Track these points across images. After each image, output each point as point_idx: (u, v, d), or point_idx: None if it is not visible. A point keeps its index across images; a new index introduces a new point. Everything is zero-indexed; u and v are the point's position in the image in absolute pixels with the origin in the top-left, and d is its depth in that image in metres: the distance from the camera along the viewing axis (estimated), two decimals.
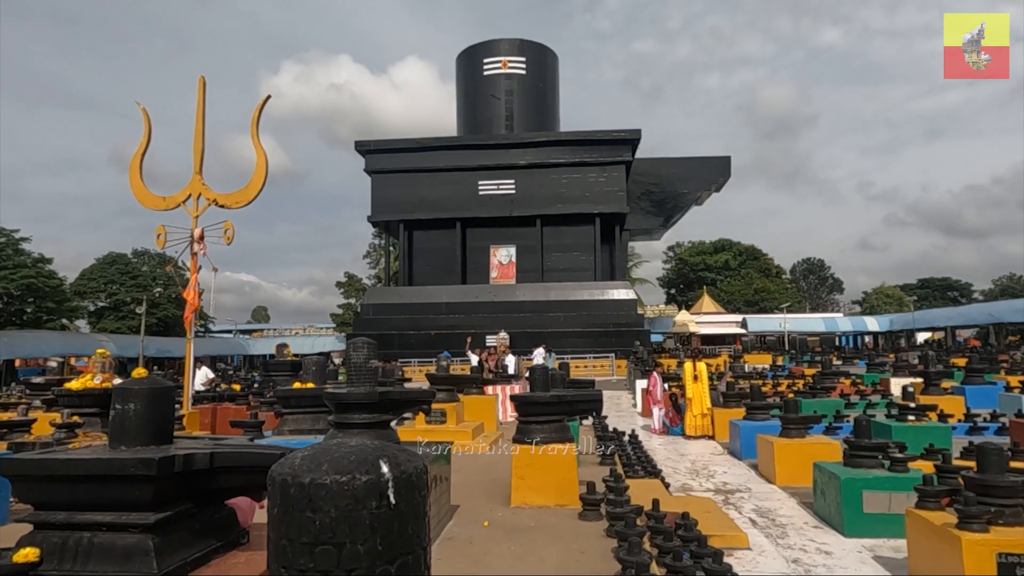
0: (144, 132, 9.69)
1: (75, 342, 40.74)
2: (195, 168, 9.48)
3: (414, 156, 39.01)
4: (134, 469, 2.39)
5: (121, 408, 2.67)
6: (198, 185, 9.41)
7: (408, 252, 40.50)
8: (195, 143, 9.55)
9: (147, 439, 2.67)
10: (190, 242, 9.27)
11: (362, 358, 5.25)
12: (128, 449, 2.61)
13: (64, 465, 2.45)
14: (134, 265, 52.40)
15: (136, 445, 2.65)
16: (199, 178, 9.45)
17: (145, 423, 2.68)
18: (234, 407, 10.06)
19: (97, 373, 7.41)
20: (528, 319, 35.11)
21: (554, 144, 38.17)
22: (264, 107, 9.44)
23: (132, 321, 47.89)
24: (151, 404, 2.70)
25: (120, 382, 2.77)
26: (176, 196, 9.46)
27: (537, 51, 43.21)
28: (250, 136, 9.25)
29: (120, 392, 2.70)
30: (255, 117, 9.37)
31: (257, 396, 10.06)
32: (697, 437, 12.85)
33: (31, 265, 40.45)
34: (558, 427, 6.48)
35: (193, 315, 9.44)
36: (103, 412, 7.49)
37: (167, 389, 2.80)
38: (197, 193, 9.39)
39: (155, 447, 2.65)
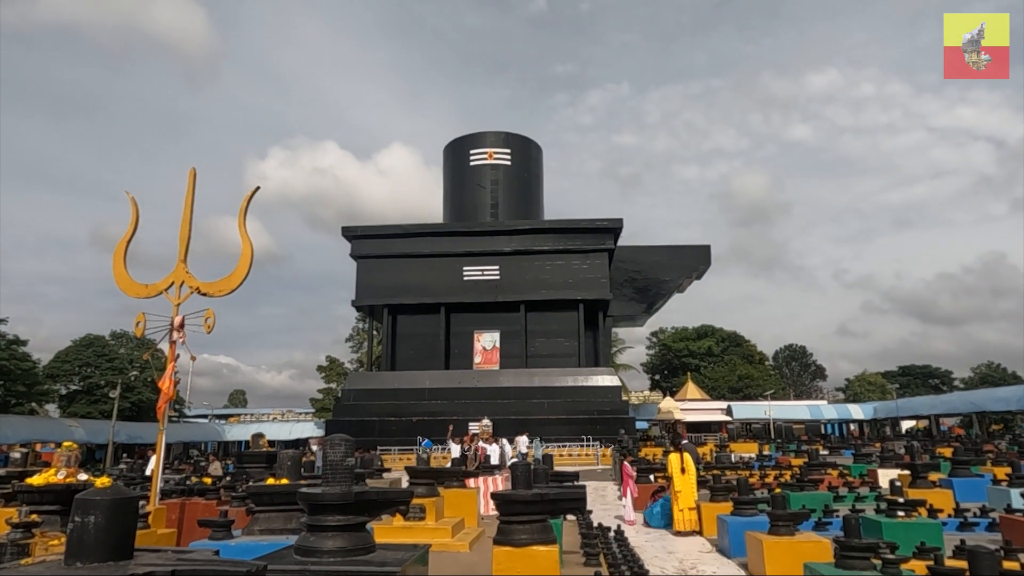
0: (131, 221, 9.77)
1: (43, 427, 39.30)
2: (180, 256, 9.51)
3: (400, 241, 39.55)
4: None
5: (81, 521, 2.54)
6: (182, 273, 9.41)
7: (392, 336, 40.30)
8: (182, 232, 9.62)
9: (106, 554, 2.53)
10: (169, 330, 9.16)
11: (339, 455, 5.09)
12: (84, 566, 2.47)
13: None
14: (111, 347, 51.45)
15: (94, 561, 2.50)
16: (183, 266, 9.46)
17: (105, 536, 2.55)
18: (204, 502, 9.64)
19: (61, 467, 7.10)
20: (512, 406, 34.63)
21: (538, 232, 38.97)
22: (252, 198, 9.59)
23: (104, 405, 46.49)
24: (112, 516, 2.58)
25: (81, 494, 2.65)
26: (159, 284, 9.43)
27: (522, 143, 44.85)
28: (237, 225, 9.34)
29: (80, 504, 2.58)
30: (243, 207, 9.51)
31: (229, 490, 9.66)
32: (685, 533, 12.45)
33: (4, 347, 39.58)
34: (540, 527, 6.27)
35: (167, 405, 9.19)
36: (64, 510, 7.14)
37: (131, 500, 2.69)
38: (180, 281, 9.38)
39: (113, 563, 2.51)
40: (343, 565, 4.66)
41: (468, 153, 43.91)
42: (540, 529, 6.25)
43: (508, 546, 6.23)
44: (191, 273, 9.44)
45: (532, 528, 6.21)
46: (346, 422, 35.62)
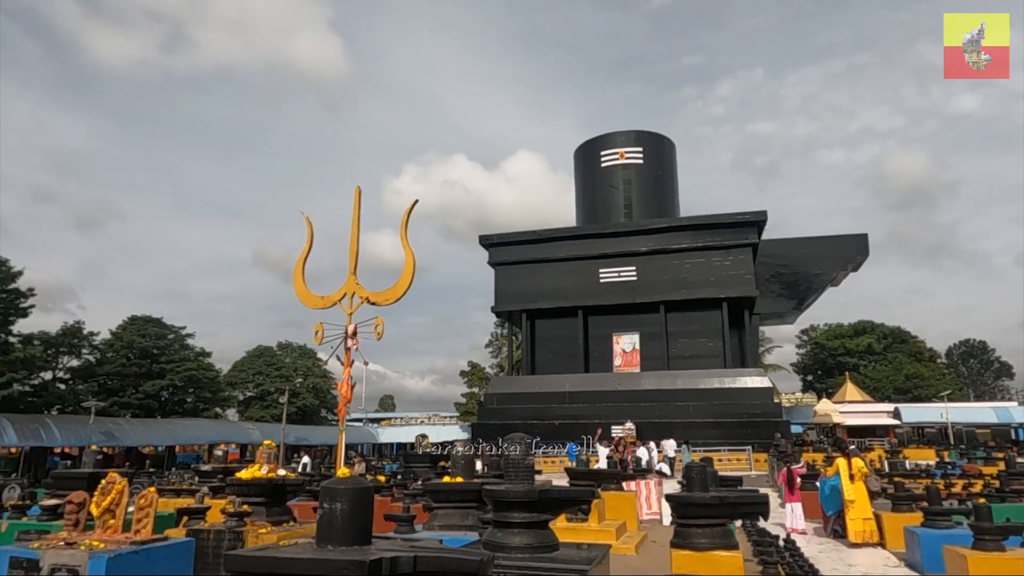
0: (307, 240, 10.67)
1: (226, 430, 43.98)
2: (350, 269, 10.23)
3: (535, 247, 40.08)
4: (347, 571, 2.47)
5: (328, 507, 2.80)
6: (352, 285, 10.11)
7: (531, 341, 40.90)
8: (351, 246, 10.35)
9: (350, 538, 2.76)
10: (344, 338, 9.86)
11: (519, 454, 5.23)
12: (335, 549, 2.71)
13: (282, 564, 2.57)
14: (278, 357, 56.51)
15: (341, 544, 2.74)
16: (354, 278, 10.17)
17: (349, 522, 2.78)
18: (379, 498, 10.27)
19: (264, 464, 7.88)
20: (654, 409, 33.89)
21: (675, 230, 37.91)
22: (412, 211, 10.12)
23: (275, 410, 51.14)
24: (355, 504, 2.81)
25: (326, 483, 2.91)
26: (333, 295, 10.21)
27: (653, 140, 43.93)
28: (400, 237, 9.89)
29: (327, 492, 2.84)
30: (404, 220, 10.06)
31: (400, 488, 10.26)
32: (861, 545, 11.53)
33: (193, 359, 44.70)
34: (721, 532, 6.05)
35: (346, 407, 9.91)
36: (269, 502, 7.92)
37: (369, 489, 2.91)
38: (352, 292, 10.08)
39: (358, 548, 2.73)
40: (531, 561, 4.76)
41: (599, 155, 43.69)
42: (721, 534, 6.04)
43: (687, 550, 6.07)
44: (360, 284, 10.11)
45: (712, 532, 6.01)
46: (490, 425, 36.60)
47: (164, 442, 37.58)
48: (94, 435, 32.79)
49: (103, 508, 6.08)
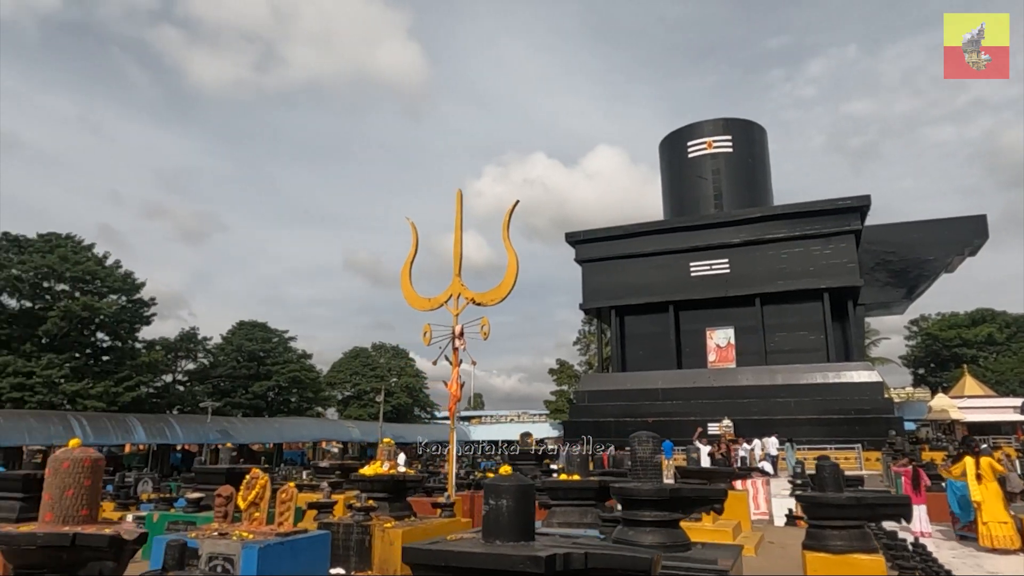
0: (412, 244, 11.00)
1: (328, 428, 46.07)
2: (455, 271, 10.47)
3: (623, 242, 39.59)
4: (523, 566, 2.54)
5: (494, 504, 2.88)
6: (458, 286, 10.34)
7: (620, 338, 40.44)
8: (454, 249, 10.59)
9: (515, 534, 2.83)
10: (452, 338, 10.10)
11: (647, 452, 5.19)
12: (503, 544, 2.79)
13: (460, 557, 2.68)
14: (373, 357, 58.56)
15: (507, 540, 2.82)
16: (459, 280, 10.40)
17: (514, 518, 2.86)
18: None
19: (384, 460, 8.20)
20: (752, 405, 32.75)
21: (770, 219, 36.43)
22: (513, 211, 10.23)
23: (371, 409, 53.02)
24: (518, 500, 2.89)
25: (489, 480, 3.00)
26: (439, 297, 10.48)
27: (742, 128, 42.41)
28: (502, 238, 10.02)
29: (492, 488, 2.92)
30: (506, 221, 10.20)
31: None
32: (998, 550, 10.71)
33: (296, 360, 47.05)
34: (859, 534, 5.79)
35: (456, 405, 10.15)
36: (391, 497, 8.24)
37: (531, 487, 2.98)
38: (457, 293, 10.32)
39: (524, 543, 2.80)
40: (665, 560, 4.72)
41: (685, 145, 42.60)
42: (859, 536, 5.78)
43: (822, 552, 5.84)
44: (465, 285, 10.33)
45: (850, 534, 5.76)
46: (582, 423, 36.48)
47: (273, 439, 39.77)
48: (211, 433, 35.15)
49: (249, 501, 6.50)
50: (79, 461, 3.19)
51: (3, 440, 27.46)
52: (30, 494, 7.73)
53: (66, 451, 3.24)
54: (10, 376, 30.18)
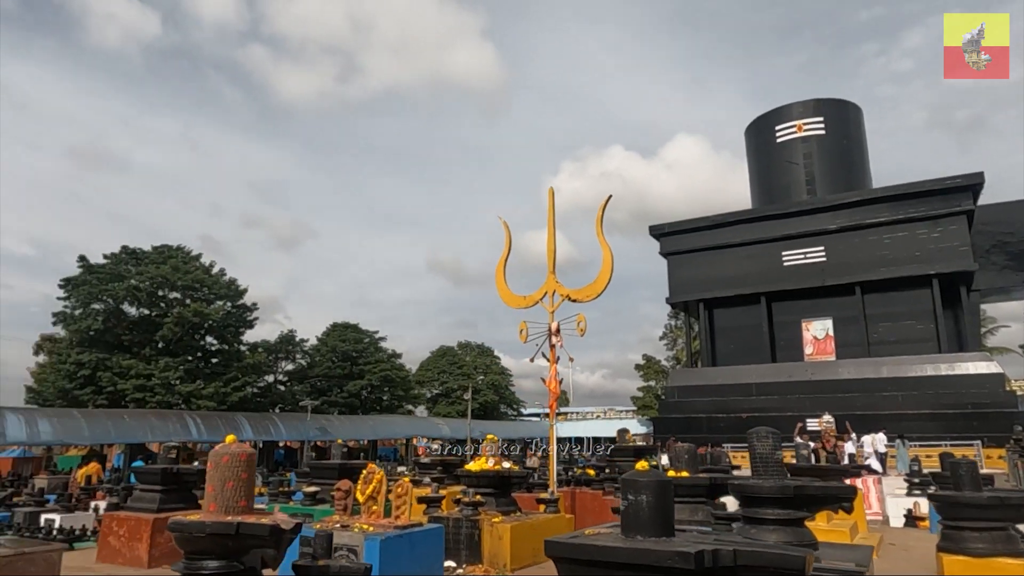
0: (505, 243, 11.13)
1: (419, 425, 47.33)
2: (549, 268, 10.51)
3: (710, 233, 38.51)
4: (671, 561, 2.53)
5: (633, 499, 2.88)
6: (553, 283, 10.38)
7: (710, 332, 39.37)
8: (548, 246, 10.63)
9: (658, 530, 2.82)
10: (548, 335, 10.14)
11: (767, 448, 5.04)
12: (645, 539, 2.79)
13: (605, 551, 2.70)
14: (459, 356, 59.64)
15: (648, 535, 2.81)
16: (553, 277, 10.43)
17: (654, 513, 2.85)
18: (590, 492, 10.45)
19: (489, 457, 8.35)
20: (855, 400, 31.12)
21: (870, 203, 34.43)
22: (606, 206, 10.16)
23: (459, 406, 54.01)
24: (658, 495, 2.87)
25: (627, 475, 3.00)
26: (534, 295, 10.55)
27: (835, 108, 40.27)
28: (596, 234, 9.98)
29: (630, 483, 2.93)
30: (599, 216, 10.14)
31: (610, 481, 10.38)
32: None
33: (386, 360, 48.58)
34: (1004, 536, 5.40)
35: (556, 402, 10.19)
36: (497, 492, 8.37)
37: (669, 482, 2.97)
38: (552, 290, 10.35)
39: (666, 539, 2.79)
40: None
41: (774, 130, 40.89)
42: (1004, 539, 5.39)
43: (960, 555, 5.49)
44: (560, 283, 10.34)
45: (993, 537, 5.38)
46: (672, 419, 35.80)
47: (368, 436, 41.24)
48: (311, 430, 36.86)
49: (367, 495, 6.78)
50: (236, 456, 3.43)
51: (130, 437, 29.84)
52: (168, 487, 8.38)
53: (224, 447, 3.49)
54: (133, 378, 32.74)
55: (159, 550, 7.92)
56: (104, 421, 28.76)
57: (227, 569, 3.23)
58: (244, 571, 3.26)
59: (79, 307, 34.08)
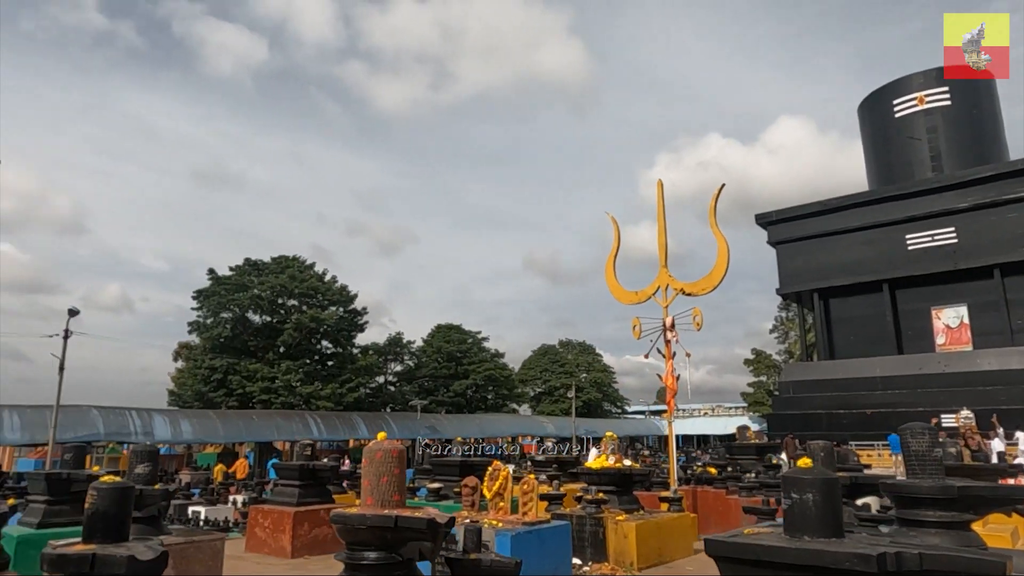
0: (614, 238, 11.00)
1: (524, 423, 47.81)
2: (661, 262, 10.29)
3: (823, 219, 36.37)
4: (850, 563, 2.40)
5: (798, 498, 2.76)
6: (665, 277, 10.16)
7: (826, 323, 37.19)
8: (659, 239, 10.42)
9: (826, 530, 2.69)
10: (663, 330, 9.93)
11: (924, 446, 4.68)
12: (812, 539, 2.66)
13: (772, 552, 2.60)
14: (561, 354, 59.69)
15: (817, 535, 2.68)
16: (666, 271, 10.21)
17: (820, 512, 2.71)
18: (712, 490, 10.15)
19: (610, 454, 8.29)
20: (997, 393, 28.41)
21: (1009, 176, 31.31)
22: (719, 195, 9.82)
23: (563, 404, 54.07)
24: (823, 495, 2.74)
25: (788, 472, 2.88)
26: (647, 290, 10.36)
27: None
28: (710, 224, 9.67)
29: (793, 482, 2.81)
30: (712, 206, 9.82)
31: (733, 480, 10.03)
32: None
33: (490, 359, 49.42)
34: None
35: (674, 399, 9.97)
36: (619, 490, 8.30)
37: (836, 480, 2.82)
38: (665, 285, 10.14)
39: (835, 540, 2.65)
40: None
41: (891, 105, 38.05)
42: None
43: None
44: (673, 276, 10.10)
45: None
46: (788, 416, 34.09)
47: (475, 434, 42.07)
48: (421, 429, 38.08)
49: (493, 492, 6.90)
50: (389, 452, 3.59)
51: (258, 436, 32.05)
52: (305, 482, 8.90)
53: (377, 443, 3.65)
54: (259, 381, 35.10)
55: (300, 541, 8.43)
56: (236, 421, 31.07)
57: (386, 560, 3.38)
58: (402, 562, 3.39)
59: (210, 316, 36.99)
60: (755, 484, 9.59)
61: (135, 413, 27.02)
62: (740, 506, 9.36)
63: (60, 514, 6.64)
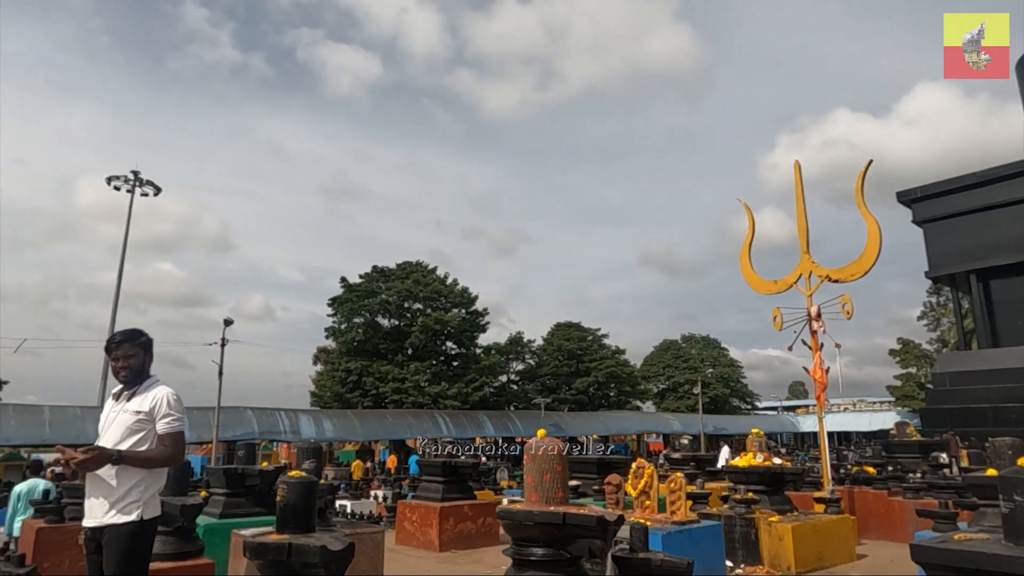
0: (748, 226, 10.49)
1: (649, 420, 46.90)
2: (802, 248, 9.70)
3: (978, 192, 32.73)
4: None
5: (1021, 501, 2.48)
6: (808, 264, 9.56)
7: (986, 307, 33.46)
8: (799, 224, 9.82)
9: None
10: (808, 320, 9.35)
11: None
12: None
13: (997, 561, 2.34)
14: (684, 349, 58.00)
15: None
16: (808, 257, 9.61)
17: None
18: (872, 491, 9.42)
19: (757, 452, 7.90)
20: None
21: None
22: (866, 173, 9.11)
23: (688, 400, 52.52)
24: None
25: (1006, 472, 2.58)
26: (787, 278, 9.80)
27: None
28: (857, 205, 8.99)
29: (1015, 483, 2.52)
30: (858, 185, 9.13)
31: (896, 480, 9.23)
32: None
33: (610, 356, 48.89)
34: None
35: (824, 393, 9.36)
36: (769, 489, 7.89)
37: None
38: (808, 272, 9.53)
39: None
40: None
41: None
42: None
43: None
44: (817, 263, 9.50)
45: None
46: (945, 411, 30.99)
47: (599, 432, 41.71)
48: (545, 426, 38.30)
49: (639, 490, 6.77)
50: (550, 449, 3.60)
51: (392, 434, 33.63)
52: (448, 478, 9.19)
53: (538, 441, 3.68)
54: (391, 382, 36.83)
55: (447, 535, 8.72)
56: (372, 420, 32.78)
57: (554, 556, 3.39)
58: (570, 559, 3.39)
59: (343, 322, 39.30)
60: (922, 485, 8.76)
61: (284, 413, 29.19)
62: (905, 509, 8.61)
63: (238, 505, 7.27)
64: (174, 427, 3.35)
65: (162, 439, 3.32)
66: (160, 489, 3.45)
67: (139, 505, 3.21)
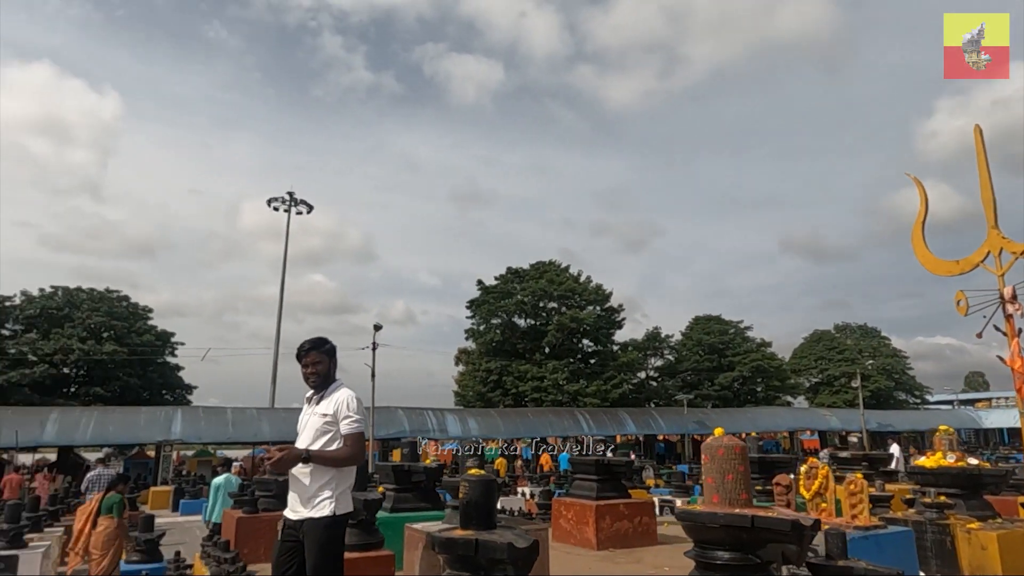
0: (920, 202, 9.53)
1: (802, 417, 44.00)
2: (989, 223, 8.66)
3: None
4: None
5: None
6: (997, 239, 8.52)
7: None
8: (983, 195, 8.79)
9: None
10: (1001, 303, 8.33)
11: None
12: None
13: None
14: (838, 340, 53.90)
15: None
16: (996, 232, 8.56)
17: None
18: None
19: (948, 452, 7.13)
20: None
21: None
22: None
23: (845, 395, 48.69)
24: None
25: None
26: (971, 257, 8.80)
27: None
28: None
29: None
30: None
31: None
32: None
33: (756, 349, 46.45)
34: None
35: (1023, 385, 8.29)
36: (964, 493, 7.11)
37: None
38: (999, 248, 8.49)
39: None
40: None
41: None
42: None
43: None
44: (1008, 238, 8.43)
45: None
46: None
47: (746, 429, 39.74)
48: (689, 424, 37.22)
49: (813, 492, 6.34)
50: (731, 448, 3.44)
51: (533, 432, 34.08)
52: (602, 476, 9.14)
53: (716, 439, 3.53)
54: (530, 381, 37.39)
55: (604, 534, 8.67)
56: (514, 419, 33.45)
57: (742, 561, 3.23)
58: (760, 564, 3.22)
59: (482, 323, 40.45)
60: None
61: (431, 413, 30.55)
62: None
63: (406, 500, 7.68)
64: (354, 428, 3.57)
65: (344, 439, 3.55)
66: (350, 486, 3.70)
67: (331, 501, 3.46)
